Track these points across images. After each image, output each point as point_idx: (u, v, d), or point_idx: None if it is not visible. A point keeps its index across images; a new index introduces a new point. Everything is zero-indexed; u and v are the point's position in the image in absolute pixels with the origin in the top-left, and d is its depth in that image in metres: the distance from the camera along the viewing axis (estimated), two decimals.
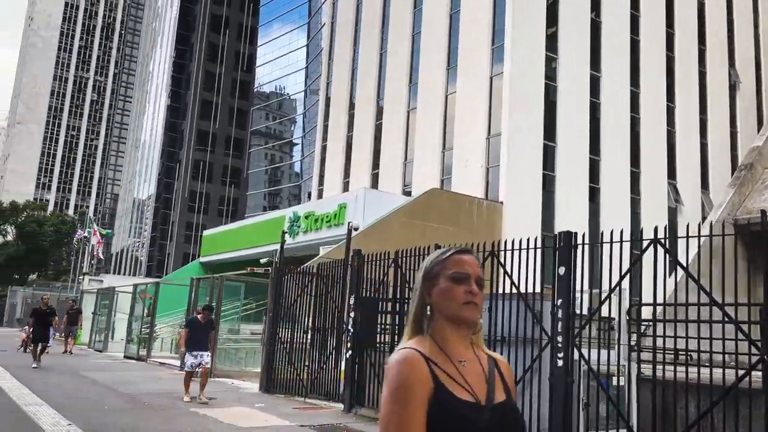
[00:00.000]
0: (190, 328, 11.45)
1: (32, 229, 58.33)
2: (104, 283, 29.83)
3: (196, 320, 11.72)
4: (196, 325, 11.51)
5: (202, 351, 11.14)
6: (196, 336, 11.19)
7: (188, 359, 11.10)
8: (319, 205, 21.08)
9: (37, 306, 17.55)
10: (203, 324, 11.50)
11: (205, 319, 11.62)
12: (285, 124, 65.65)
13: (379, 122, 28.75)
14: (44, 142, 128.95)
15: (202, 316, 11.69)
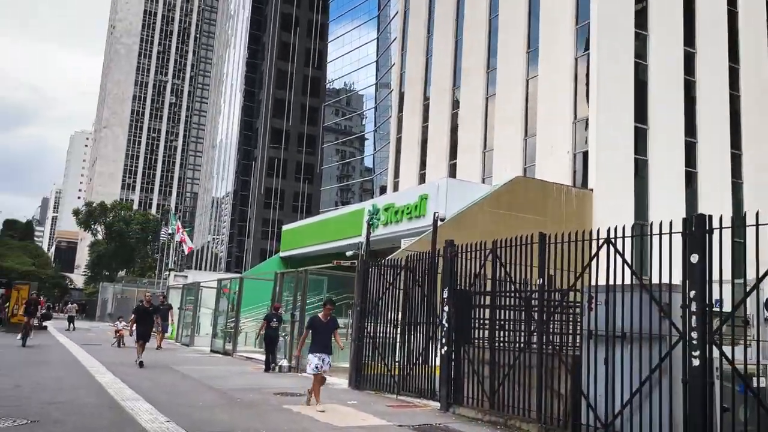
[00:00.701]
0: (311, 329, 10.10)
1: (119, 228, 61.01)
2: (188, 279, 30.59)
3: (317, 319, 10.22)
4: (318, 324, 10.10)
5: (325, 353, 9.89)
6: (318, 337, 9.92)
7: (311, 360, 9.78)
8: (399, 196, 20.60)
9: (140, 303, 17.46)
10: (326, 323, 10.10)
11: (327, 316, 10.18)
12: (356, 119, 65.76)
13: (456, 111, 28.00)
14: (128, 144, 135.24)
15: (323, 314, 10.22)
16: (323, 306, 10.52)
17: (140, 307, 15.90)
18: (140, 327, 15.20)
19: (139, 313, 15.59)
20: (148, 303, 16.08)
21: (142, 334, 15.11)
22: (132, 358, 17.02)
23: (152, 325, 16.31)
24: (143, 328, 15.26)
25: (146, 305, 15.88)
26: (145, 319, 15.42)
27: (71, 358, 16.79)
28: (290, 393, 11.41)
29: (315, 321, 10.25)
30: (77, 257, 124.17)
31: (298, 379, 14.07)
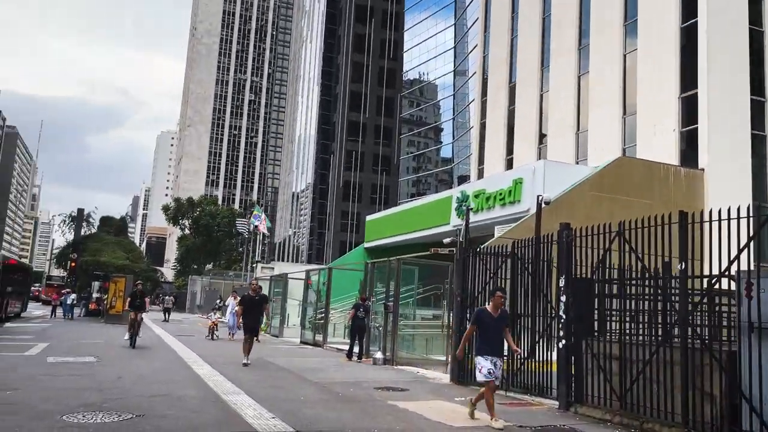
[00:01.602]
0: (478, 324, 8.10)
1: (206, 222, 62.82)
2: (275, 270, 30.77)
3: (486, 313, 8.10)
4: (487, 318, 8.04)
5: (498, 357, 7.99)
6: (488, 334, 7.97)
7: (481, 364, 7.83)
8: (491, 182, 19.64)
9: (245, 293, 15.63)
10: (496, 317, 8.03)
11: (498, 308, 8.06)
12: (431, 109, 64.75)
13: (545, 92, 26.62)
14: (210, 142, 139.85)
15: (493, 305, 8.06)
16: (492, 295, 8.33)
17: (247, 297, 14.25)
18: (247, 319, 13.67)
19: (245, 303, 14.01)
20: (255, 292, 14.24)
21: (250, 328, 13.65)
22: (227, 350, 17.01)
23: (261, 317, 14.88)
24: (250, 320, 13.71)
25: (252, 294, 14.11)
26: (252, 310, 13.79)
27: (168, 349, 16.96)
28: (392, 387, 10.83)
29: (483, 315, 8.12)
30: (166, 252, 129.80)
31: (395, 372, 13.51)
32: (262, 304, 14.24)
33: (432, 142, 66.23)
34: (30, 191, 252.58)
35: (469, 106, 51.58)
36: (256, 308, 13.94)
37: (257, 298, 14.01)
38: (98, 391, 9.06)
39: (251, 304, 13.86)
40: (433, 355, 15.94)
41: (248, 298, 14.02)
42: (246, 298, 14.14)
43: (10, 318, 30.28)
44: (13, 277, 29.86)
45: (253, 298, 13.94)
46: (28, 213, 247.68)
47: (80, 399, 8.31)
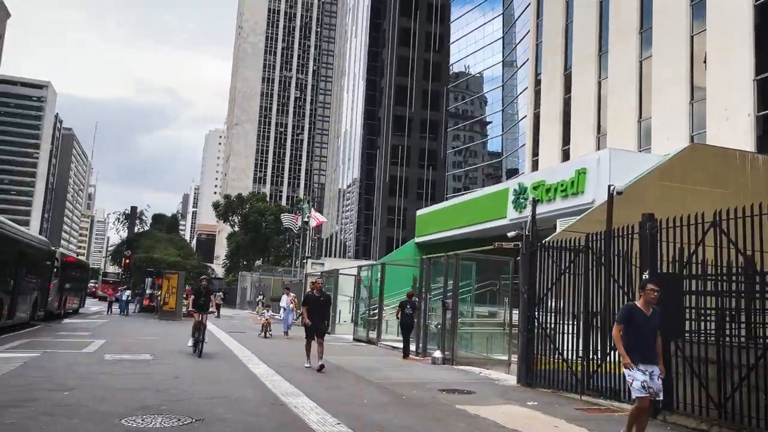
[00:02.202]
0: (627, 322, 6.52)
1: (255, 219, 63.30)
2: (325, 266, 30.50)
3: (637, 311, 6.55)
4: (639, 317, 6.49)
5: (654, 364, 6.46)
6: (640, 337, 6.47)
7: (635, 376, 6.34)
8: (551, 173, 18.76)
9: (308, 291, 14.21)
10: (650, 317, 6.53)
11: (649, 306, 6.56)
12: (479, 102, 63.54)
13: (604, 78, 25.46)
14: (258, 139, 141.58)
15: (643, 300, 6.60)
16: (641, 289, 6.74)
17: (311, 297, 12.68)
18: (312, 321, 12.30)
19: (309, 303, 12.53)
20: (319, 291, 12.78)
21: (315, 330, 12.26)
22: (281, 348, 16.73)
23: (327, 318, 13.41)
24: (316, 322, 12.32)
25: (317, 294, 12.66)
26: (317, 310, 12.44)
27: (222, 347, 16.76)
28: (457, 390, 10.25)
29: (634, 313, 6.53)
30: (216, 248, 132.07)
31: (456, 372, 12.91)
32: (329, 304, 13.06)
33: (478, 135, 65.10)
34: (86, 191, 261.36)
35: (519, 98, 50.32)
36: (322, 309, 12.64)
37: (322, 299, 12.69)
38: (156, 391, 8.77)
39: (316, 305, 12.49)
40: (493, 354, 15.25)
41: (313, 298, 12.57)
42: (310, 298, 12.63)
43: (69, 314, 30.91)
44: (71, 273, 30.44)
45: (318, 298, 12.58)
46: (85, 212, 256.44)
47: (138, 400, 8.01)
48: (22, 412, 7.05)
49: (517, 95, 50.64)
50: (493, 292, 19.04)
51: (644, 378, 6.31)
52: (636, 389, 6.33)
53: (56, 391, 8.44)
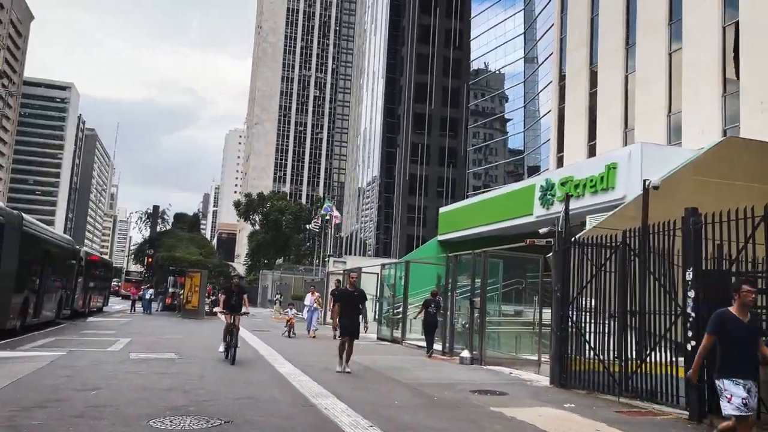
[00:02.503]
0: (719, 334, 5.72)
1: (275, 218, 63.39)
2: (348, 264, 30.32)
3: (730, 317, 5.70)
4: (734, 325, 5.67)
5: (751, 380, 5.62)
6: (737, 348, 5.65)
7: (731, 392, 5.57)
8: (579, 168, 18.34)
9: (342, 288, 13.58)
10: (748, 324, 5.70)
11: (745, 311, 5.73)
12: (497, 100, 62.92)
13: (631, 72, 24.91)
14: (277, 139, 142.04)
15: (737, 307, 5.73)
16: (734, 292, 5.85)
17: (344, 292, 11.94)
18: (345, 319, 11.46)
19: (343, 299, 11.70)
20: (353, 286, 12.02)
21: (349, 328, 11.41)
22: (306, 347, 16.56)
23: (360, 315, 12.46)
24: (349, 320, 11.46)
25: (350, 289, 11.90)
26: (351, 307, 11.58)
27: (247, 345, 16.61)
28: (489, 391, 9.96)
29: (727, 321, 5.72)
30: (237, 247, 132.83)
31: (486, 372, 12.60)
32: (363, 300, 12.04)
33: (499, 132, 64.50)
34: (108, 190, 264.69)
35: (540, 94, 49.71)
36: (356, 305, 11.69)
37: (356, 294, 11.77)
38: (183, 392, 8.61)
39: (350, 300, 11.57)
40: (521, 354, 14.92)
41: (346, 294, 11.75)
42: (344, 294, 11.83)
43: (93, 312, 31.11)
44: (95, 272, 30.63)
45: (351, 293, 11.69)
46: (107, 211, 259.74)
47: (165, 400, 7.85)
48: (50, 412, 6.92)
49: (539, 91, 50.03)
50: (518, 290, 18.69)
51: (743, 395, 5.51)
52: (734, 407, 5.53)
53: (83, 391, 8.32)
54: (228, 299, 12.93)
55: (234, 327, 12.31)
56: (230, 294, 13.03)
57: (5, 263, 15.11)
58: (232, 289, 13.21)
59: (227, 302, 12.87)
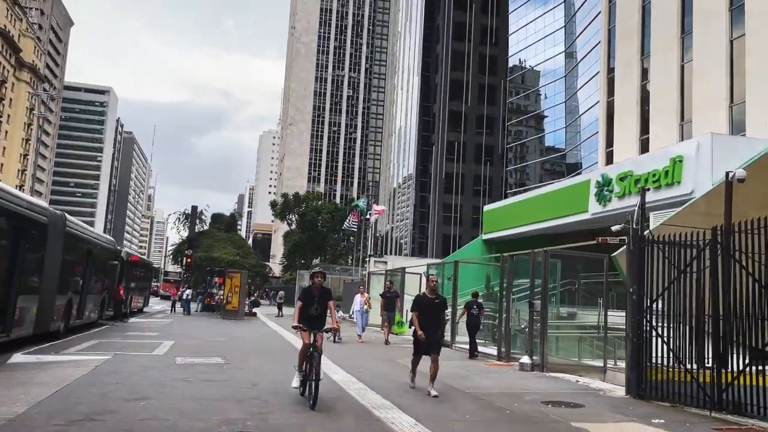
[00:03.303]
0: None
1: (312, 217, 63.13)
2: (389, 265, 29.64)
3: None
4: None
5: None
6: None
7: None
8: (639, 163, 17.31)
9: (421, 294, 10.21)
10: None
11: None
12: (538, 95, 61.48)
13: (687, 62, 23.67)
14: (311, 139, 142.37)
15: None
16: None
17: (425, 300, 9.63)
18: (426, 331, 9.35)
19: (421, 308, 9.55)
20: (433, 291, 9.73)
21: (430, 343, 9.37)
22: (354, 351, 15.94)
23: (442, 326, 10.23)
24: (430, 333, 9.39)
25: (430, 295, 9.68)
26: (431, 317, 9.54)
27: (292, 348, 16.04)
28: (562, 402, 9.14)
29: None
30: (272, 247, 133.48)
31: (551, 381, 11.76)
32: (444, 309, 10.08)
33: (533, 130, 63.08)
34: (146, 192, 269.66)
35: (582, 90, 48.30)
36: (437, 315, 9.68)
37: (437, 302, 9.67)
38: (237, 402, 8.02)
39: (430, 310, 9.56)
40: (583, 358, 14.02)
41: (427, 302, 9.60)
42: (424, 302, 9.62)
43: (134, 313, 31.10)
44: (135, 273, 30.59)
45: (432, 301, 9.58)
46: (145, 213, 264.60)
47: (220, 413, 7.27)
48: (100, 426, 6.39)
49: (582, 86, 48.63)
50: (571, 291, 17.78)
51: None
52: None
53: (132, 401, 7.80)
54: (306, 306, 8.58)
55: (315, 350, 8.12)
56: (310, 300, 8.61)
57: (49, 264, 14.85)
58: (312, 292, 8.67)
59: (304, 312, 8.56)
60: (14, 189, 13.59)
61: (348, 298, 36.81)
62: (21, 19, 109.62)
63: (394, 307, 18.17)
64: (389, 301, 18.02)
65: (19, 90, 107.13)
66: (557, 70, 55.36)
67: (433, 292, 9.78)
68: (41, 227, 14.42)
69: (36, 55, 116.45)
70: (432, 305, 9.64)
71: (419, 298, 9.86)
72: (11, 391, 8.25)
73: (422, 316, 9.56)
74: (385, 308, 17.99)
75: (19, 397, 7.79)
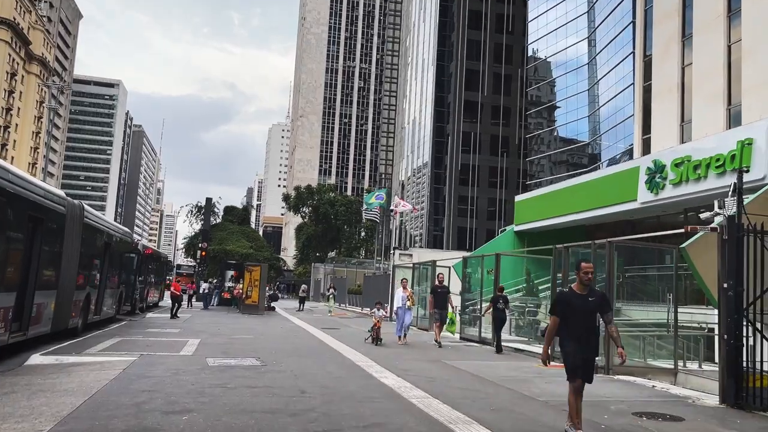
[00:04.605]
0: None
1: (325, 210, 62.07)
2: (414, 257, 28.53)
3: None
4: None
5: None
6: None
7: None
8: (698, 147, 16.07)
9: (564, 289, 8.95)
10: None
11: None
12: (558, 84, 59.98)
13: (735, 41, 22.33)
14: (322, 131, 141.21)
15: None
16: None
17: (573, 296, 6.45)
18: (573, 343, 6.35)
19: (573, 310, 6.31)
20: (585, 285, 6.45)
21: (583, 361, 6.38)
22: (398, 353, 14.83)
23: None
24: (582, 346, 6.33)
25: (580, 291, 6.43)
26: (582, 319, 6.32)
27: (326, 347, 15.01)
28: (654, 414, 8.02)
29: None
30: (283, 240, 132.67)
31: (623, 385, 10.64)
32: (608, 311, 6.54)
33: (553, 120, 61.63)
34: (155, 185, 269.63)
35: (611, 75, 46.89)
36: (594, 319, 6.42)
37: (591, 300, 6.37)
38: (291, 416, 6.93)
39: (586, 314, 6.35)
40: (653, 360, 12.85)
41: (579, 300, 6.34)
42: (572, 299, 6.40)
43: (150, 308, 30.19)
44: (150, 266, 29.65)
45: (585, 299, 6.33)
46: (155, 206, 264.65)
47: (276, 430, 6.17)
48: None
49: (607, 72, 47.21)
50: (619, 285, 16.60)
51: None
52: None
53: (172, 414, 6.72)
54: None
55: None
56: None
57: (67, 257, 13.82)
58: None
59: None
60: (30, 176, 12.53)
61: (370, 293, 35.72)
62: (30, 11, 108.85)
63: (446, 304, 16.18)
64: (440, 297, 16.03)
65: (28, 83, 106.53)
66: (579, 58, 53.91)
67: (586, 286, 6.40)
68: (59, 217, 13.40)
69: (45, 47, 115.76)
70: (586, 305, 6.32)
71: (566, 296, 6.54)
72: (32, 402, 7.21)
73: (571, 320, 6.31)
74: (435, 305, 16.14)
75: (42, 410, 6.75)
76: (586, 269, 6.45)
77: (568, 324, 6.37)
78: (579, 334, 6.34)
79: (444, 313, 15.89)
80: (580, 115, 54.63)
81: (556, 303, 6.58)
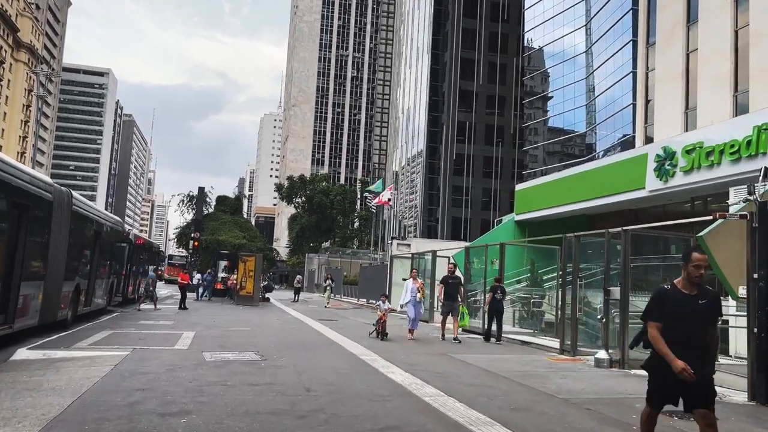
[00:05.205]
0: None
1: (319, 200, 61.41)
2: (412, 247, 28.00)
3: None
4: None
5: None
6: None
7: None
8: (711, 133, 15.55)
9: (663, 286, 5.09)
10: None
11: None
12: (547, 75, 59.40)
13: (742, 27, 21.83)
14: (315, 121, 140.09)
15: None
16: None
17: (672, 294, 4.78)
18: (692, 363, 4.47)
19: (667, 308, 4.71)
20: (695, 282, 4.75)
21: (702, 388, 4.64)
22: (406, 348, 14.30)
23: None
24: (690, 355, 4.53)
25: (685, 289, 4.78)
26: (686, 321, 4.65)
27: (326, 340, 14.49)
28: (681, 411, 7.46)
29: None
30: (275, 231, 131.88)
31: (641, 380, 10.11)
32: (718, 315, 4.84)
33: (547, 110, 61.10)
34: (146, 176, 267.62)
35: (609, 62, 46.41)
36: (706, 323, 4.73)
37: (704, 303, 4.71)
38: (299, 417, 6.38)
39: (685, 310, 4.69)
40: None
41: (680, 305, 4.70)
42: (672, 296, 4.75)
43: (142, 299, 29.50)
44: (142, 257, 28.96)
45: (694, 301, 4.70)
46: (145, 196, 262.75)
47: None
48: None
49: (606, 60, 46.71)
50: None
51: None
52: None
53: (169, 417, 6.16)
54: None
55: None
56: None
57: (54, 246, 13.18)
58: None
59: None
60: (15, 161, 11.85)
61: (366, 284, 35.18)
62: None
63: (457, 295, 15.29)
64: (452, 288, 15.15)
65: (17, 71, 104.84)
66: (576, 46, 53.35)
67: (697, 284, 4.75)
68: (46, 205, 12.75)
69: (34, 35, 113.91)
70: (686, 303, 4.71)
71: (663, 295, 4.83)
72: (16, 402, 6.63)
73: (670, 323, 4.72)
74: (447, 297, 15.21)
75: (27, 412, 6.17)
76: (699, 262, 4.73)
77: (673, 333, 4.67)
78: (688, 346, 4.60)
79: (456, 305, 15.27)
80: (576, 105, 54.15)
81: (653, 304, 4.85)
